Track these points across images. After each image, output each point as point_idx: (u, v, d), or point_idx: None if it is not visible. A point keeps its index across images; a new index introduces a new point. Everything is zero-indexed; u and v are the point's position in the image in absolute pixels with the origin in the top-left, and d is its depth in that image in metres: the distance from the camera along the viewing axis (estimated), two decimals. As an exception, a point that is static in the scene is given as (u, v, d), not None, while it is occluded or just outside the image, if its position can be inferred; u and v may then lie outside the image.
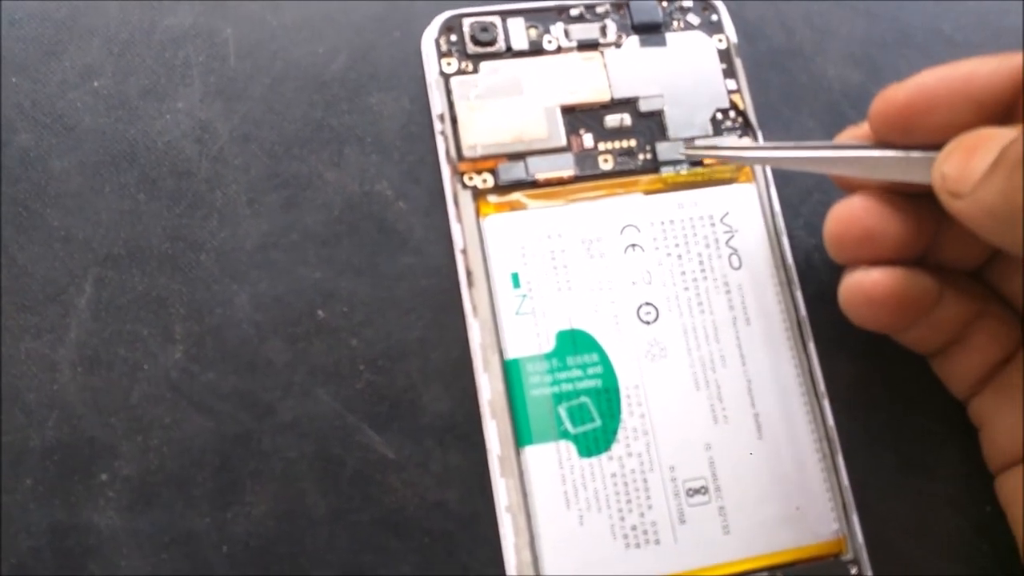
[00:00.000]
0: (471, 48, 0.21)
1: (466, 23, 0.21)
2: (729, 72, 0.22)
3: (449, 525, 0.18)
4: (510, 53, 0.21)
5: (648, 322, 0.20)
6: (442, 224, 0.20)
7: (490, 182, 0.20)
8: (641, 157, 0.21)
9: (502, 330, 0.19)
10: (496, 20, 0.21)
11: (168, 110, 0.20)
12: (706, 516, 0.19)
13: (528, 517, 0.18)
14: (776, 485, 0.19)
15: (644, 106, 0.21)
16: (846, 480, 0.19)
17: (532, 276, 0.20)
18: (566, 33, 0.21)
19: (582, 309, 0.20)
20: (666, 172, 0.21)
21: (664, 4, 0.22)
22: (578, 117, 0.21)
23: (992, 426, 0.19)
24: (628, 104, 0.21)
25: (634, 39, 0.22)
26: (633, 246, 0.20)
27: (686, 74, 0.22)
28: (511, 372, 0.19)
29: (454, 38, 0.21)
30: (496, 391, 0.19)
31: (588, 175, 0.21)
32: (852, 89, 0.23)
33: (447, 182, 0.20)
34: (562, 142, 0.21)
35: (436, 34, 0.21)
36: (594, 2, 0.22)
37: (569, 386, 0.19)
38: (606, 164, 0.21)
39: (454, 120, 0.20)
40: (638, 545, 0.18)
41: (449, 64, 0.21)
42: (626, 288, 0.20)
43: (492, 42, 0.21)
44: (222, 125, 0.20)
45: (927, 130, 0.17)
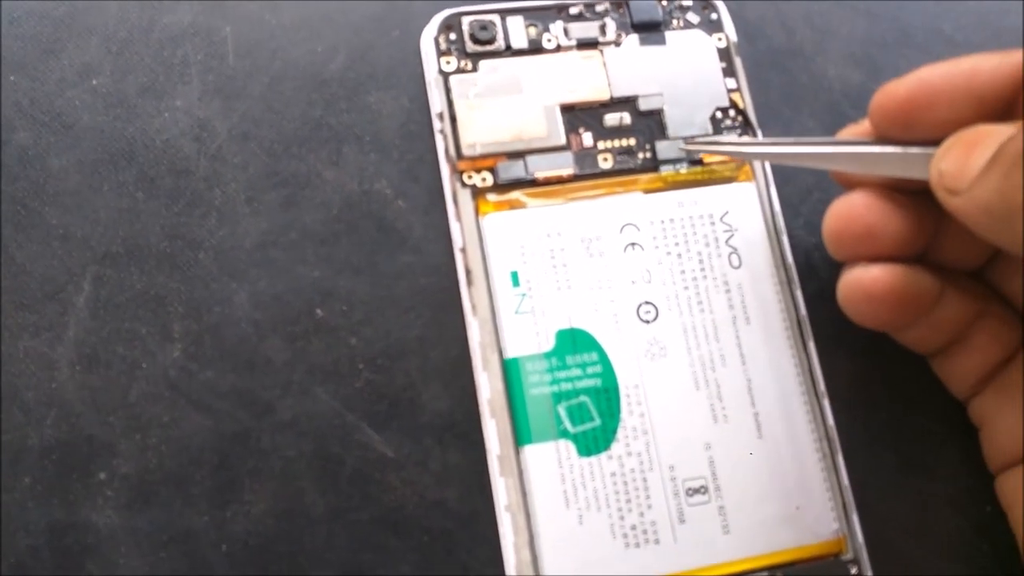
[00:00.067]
0: (470, 47, 0.21)
1: (465, 21, 0.21)
2: (729, 71, 0.22)
3: (448, 524, 0.18)
4: (509, 52, 0.21)
5: (648, 321, 0.20)
6: (441, 223, 0.20)
7: (489, 181, 0.20)
8: (641, 156, 0.21)
9: (501, 329, 0.19)
10: (495, 18, 0.21)
11: (167, 108, 0.20)
12: (706, 516, 0.19)
13: (527, 516, 0.18)
14: (776, 484, 0.19)
15: (644, 105, 0.21)
16: (846, 480, 0.19)
17: (531, 275, 0.20)
18: (565, 32, 0.21)
19: (582, 308, 0.20)
20: (666, 171, 0.21)
21: (664, 3, 0.22)
22: (577, 116, 0.21)
23: (992, 426, 0.19)
24: (628, 103, 0.21)
25: (634, 38, 0.22)
26: (633, 245, 0.20)
27: (686, 73, 0.22)
28: (510, 371, 0.19)
29: (453, 36, 0.21)
30: (495, 390, 0.19)
31: (588, 174, 0.21)
32: (852, 89, 0.23)
33: (446, 181, 0.20)
34: (561, 141, 0.21)
35: (435, 32, 0.21)
36: (593, 1, 0.22)
37: (568, 385, 0.19)
38: (606, 163, 0.21)
39: (453, 119, 0.20)
40: (638, 544, 0.18)
41: (448, 63, 0.21)
42: (626, 287, 0.20)
43: (491, 41, 0.21)
44: (221, 123, 0.20)
45: (927, 126, 0.17)
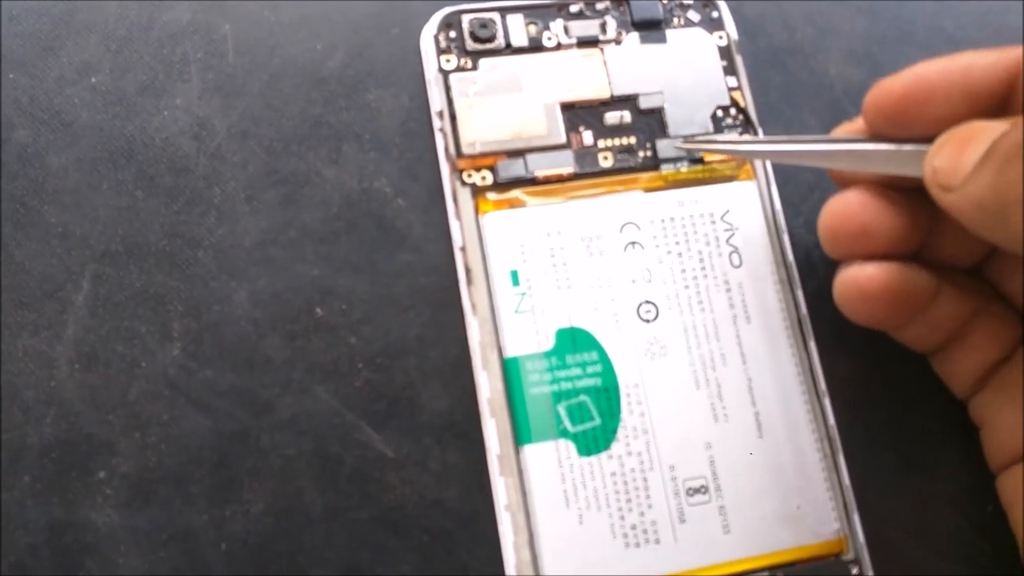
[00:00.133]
0: (470, 45, 0.21)
1: (465, 20, 0.21)
2: (730, 69, 0.22)
3: (448, 523, 0.18)
4: (509, 50, 0.21)
5: (648, 320, 0.20)
6: (441, 221, 0.20)
7: (489, 179, 0.20)
8: (641, 154, 0.21)
9: (501, 328, 0.19)
10: (495, 16, 0.21)
11: (166, 106, 0.20)
12: (706, 515, 0.19)
13: (527, 516, 0.18)
14: (776, 484, 0.19)
15: (644, 103, 0.21)
16: (847, 479, 0.19)
17: (531, 274, 0.20)
18: (566, 30, 0.21)
19: (582, 307, 0.19)
20: (666, 170, 0.21)
21: (664, 1, 0.22)
22: (578, 114, 0.21)
23: (993, 425, 0.19)
24: (628, 101, 0.21)
25: (634, 36, 0.22)
26: (633, 244, 0.20)
27: (686, 71, 0.22)
28: (510, 370, 0.19)
29: (453, 35, 0.21)
30: (495, 389, 0.19)
31: (588, 172, 0.21)
32: (853, 87, 0.23)
33: (446, 179, 0.20)
34: (562, 139, 0.21)
35: (435, 31, 0.21)
36: (594, -1, 0.22)
37: (568, 384, 0.19)
38: (606, 161, 0.21)
39: (453, 117, 0.20)
40: (638, 544, 0.18)
41: (448, 61, 0.21)
42: (626, 286, 0.20)
43: (491, 39, 0.21)
44: (220, 122, 0.20)
45: (921, 123, 0.17)
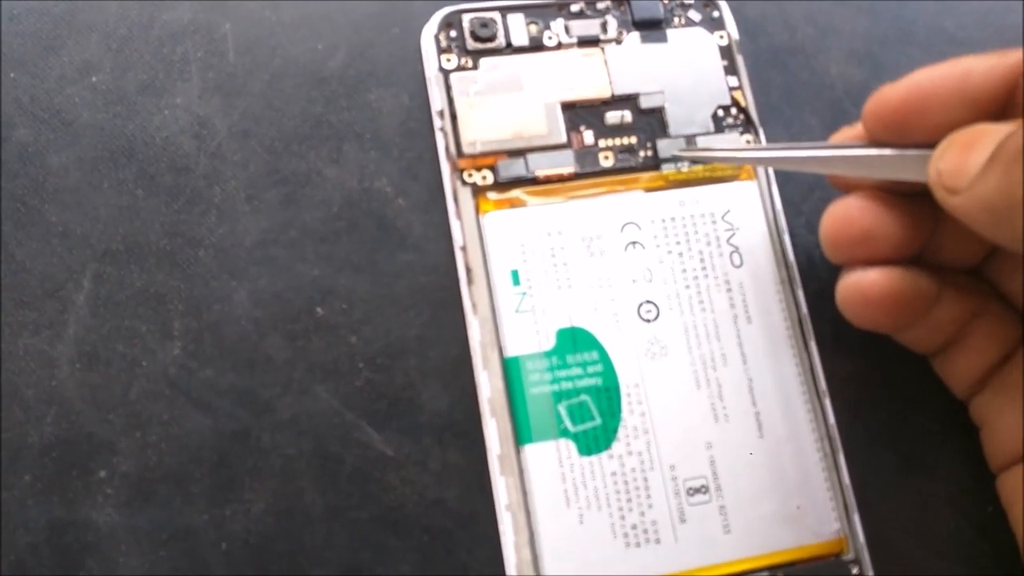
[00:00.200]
0: (471, 44, 0.21)
1: (466, 19, 0.21)
2: (730, 69, 0.22)
3: (448, 523, 0.18)
4: (510, 49, 0.21)
5: (649, 320, 0.20)
6: (441, 221, 0.20)
7: (490, 179, 0.20)
8: (642, 154, 0.21)
9: (502, 328, 0.19)
10: (496, 16, 0.21)
11: (166, 106, 0.20)
12: (706, 515, 0.19)
13: (528, 516, 0.18)
14: (777, 484, 0.19)
15: (645, 103, 0.21)
16: (847, 479, 0.19)
17: (532, 273, 0.20)
18: (566, 29, 0.21)
19: (582, 307, 0.19)
20: (667, 169, 0.21)
21: (665, 1, 0.22)
22: (578, 114, 0.21)
23: (993, 425, 0.19)
24: (629, 101, 0.21)
25: (635, 35, 0.22)
26: (634, 244, 0.20)
27: (687, 71, 0.22)
28: (511, 370, 0.19)
29: (454, 34, 0.21)
30: (496, 389, 0.19)
31: (588, 172, 0.20)
32: (854, 87, 0.23)
33: (446, 179, 0.20)
34: (562, 139, 0.21)
35: (436, 30, 0.21)
36: (595, -2, 0.22)
37: (569, 384, 0.19)
38: (607, 161, 0.21)
39: (454, 116, 0.20)
40: (638, 544, 0.18)
41: (449, 60, 0.21)
42: (626, 286, 0.20)
43: (492, 38, 0.21)
44: (221, 121, 0.20)
45: (922, 129, 0.17)
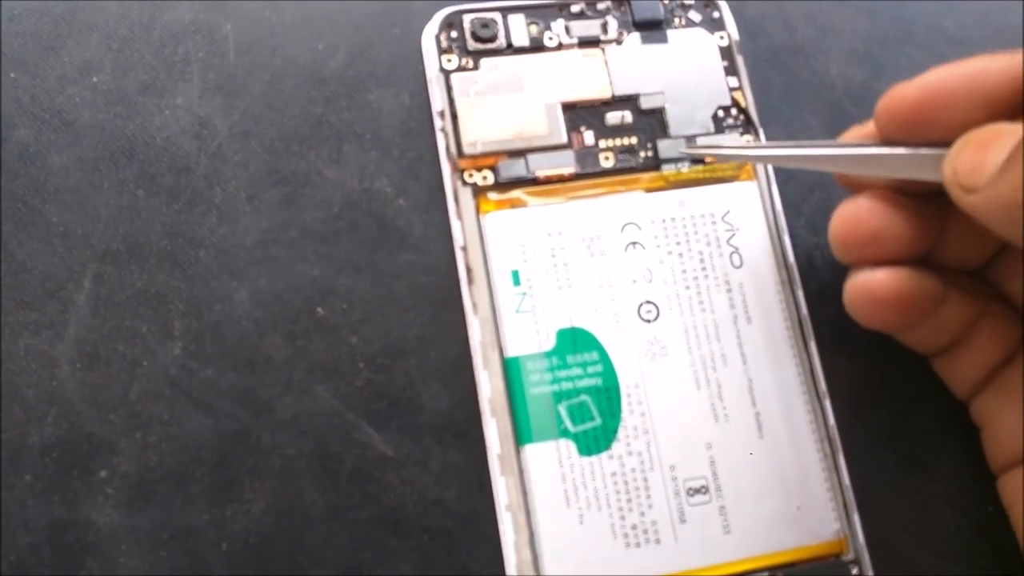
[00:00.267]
0: (471, 44, 0.21)
1: (466, 19, 0.21)
2: (731, 69, 0.22)
3: (448, 523, 0.18)
4: (511, 50, 0.21)
5: (649, 320, 0.20)
6: (442, 221, 0.20)
7: (490, 179, 0.20)
8: (642, 155, 0.21)
9: (502, 328, 0.19)
10: (497, 16, 0.21)
11: (167, 106, 0.20)
12: (706, 515, 0.19)
13: (528, 516, 0.18)
14: (777, 484, 0.19)
15: (645, 103, 0.21)
16: (847, 480, 0.19)
17: (532, 274, 0.20)
18: (567, 30, 0.21)
19: (582, 307, 0.19)
20: (667, 170, 0.21)
21: (666, 1, 0.22)
22: (579, 114, 0.21)
23: (994, 426, 0.19)
24: (629, 101, 0.21)
25: (635, 36, 0.22)
26: (634, 244, 0.20)
27: (687, 71, 0.22)
28: (511, 370, 0.19)
29: (454, 34, 0.21)
30: (496, 389, 0.19)
31: (589, 172, 0.21)
32: (854, 87, 0.23)
33: (447, 179, 0.20)
34: (563, 139, 0.21)
35: (436, 30, 0.21)
36: (595, -1, 0.22)
37: (569, 384, 0.19)
38: (607, 161, 0.21)
39: (454, 117, 0.20)
40: (638, 544, 0.18)
41: (449, 60, 0.21)
42: (627, 286, 0.20)
43: (493, 38, 0.21)
44: (221, 121, 0.20)
45: (935, 128, 0.17)
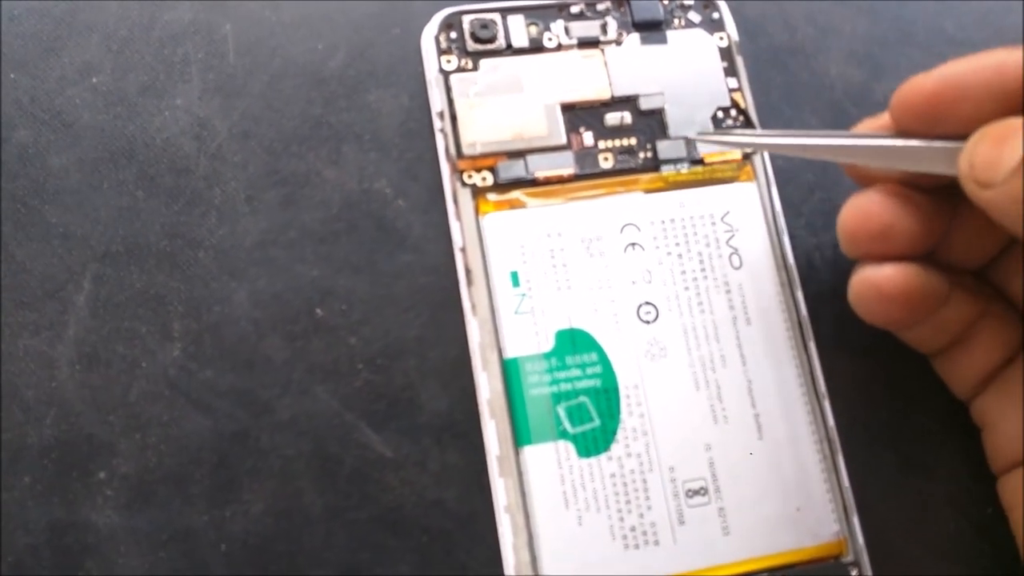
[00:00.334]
0: (471, 45, 0.21)
1: (466, 20, 0.21)
2: (730, 70, 0.22)
3: (447, 524, 0.18)
4: (510, 50, 0.21)
5: (648, 321, 0.20)
6: (441, 222, 0.20)
7: (489, 180, 0.20)
8: (641, 155, 0.21)
9: (501, 329, 0.19)
10: (496, 17, 0.21)
11: (167, 107, 0.20)
12: (706, 517, 0.19)
13: (527, 517, 0.18)
14: (776, 486, 0.19)
15: (645, 104, 0.21)
16: (846, 481, 0.19)
17: (531, 275, 0.20)
18: (566, 30, 0.21)
19: (581, 308, 0.19)
20: (667, 171, 0.21)
21: (665, 2, 0.22)
22: (578, 115, 0.21)
23: (994, 427, 0.19)
24: (629, 102, 0.21)
25: (635, 37, 0.22)
26: (633, 245, 0.20)
27: (687, 72, 0.22)
28: (510, 371, 0.19)
29: (454, 35, 0.21)
30: (495, 390, 0.19)
31: (588, 173, 0.20)
32: (854, 88, 0.23)
33: (446, 180, 0.20)
34: (562, 140, 0.21)
35: (436, 31, 0.21)
36: (594, 0, 0.22)
37: (568, 386, 0.19)
38: (606, 162, 0.21)
39: (453, 118, 0.20)
40: (637, 546, 0.18)
41: (449, 61, 0.21)
42: (626, 287, 0.20)
43: (492, 39, 0.21)
44: (221, 122, 0.20)
45: (952, 121, 0.17)
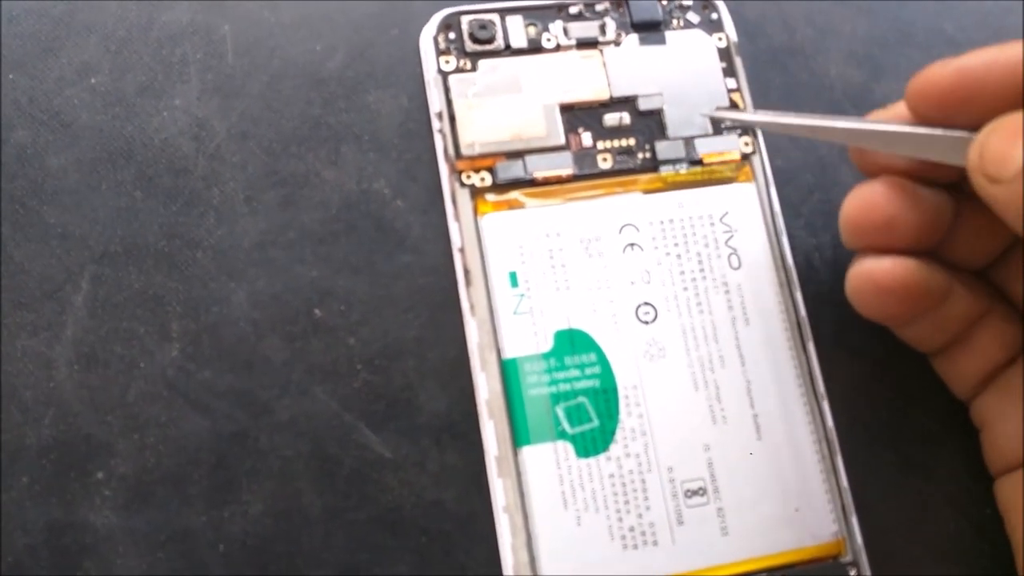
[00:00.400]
0: (469, 46, 0.21)
1: (465, 21, 0.21)
2: (729, 71, 0.22)
3: (446, 525, 0.18)
4: (509, 51, 0.21)
5: (647, 322, 0.20)
6: (440, 223, 0.20)
7: (488, 180, 0.20)
8: (640, 156, 0.21)
9: (500, 329, 0.19)
10: (495, 18, 0.21)
11: (165, 107, 0.20)
12: (704, 517, 0.19)
13: (525, 517, 0.18)
14: (775, 486, 0.19)
15: (643, 105, 0.21)
16: (845, 481, 0.19)
17: (530, 275, 0.20)
18: (565, 31, 0.21)
19: (580, 309, 0.19)
20: (665, 171, 0.21)
21: (664, 2, 0.22)
22: (577, 115, 0.21)
23: (993, 428, 0.19)
24: (627, 103, 0.21)
25: (633, 37, 0.22)
26: (632, 245, 0.20)
27: (686, 73, 0.21)
28: (509, 372, 0.19)
29: (452, 36, 0.21)
30: (493, 391, 0.19)
31: (587, 174, 0.20)
32: (853, 88, 0.23)
33: (445, 180, 0.20)
34: (561, 141, 0.21)
35: (434, 32, 0.21)
36: (593, 0, 0.22)
37: (567, 386, 0.19)
38: (605, 163, 0.21)
39: (452, 118, 0.20)
40: (636, 546, 0.18)
41: (447, 62, 0.21)
42: (625, 288, 0.20)
43: (491, 40, 0.21)
44: (219, 123, 0.20)
45: (968, 112, 0.17)
